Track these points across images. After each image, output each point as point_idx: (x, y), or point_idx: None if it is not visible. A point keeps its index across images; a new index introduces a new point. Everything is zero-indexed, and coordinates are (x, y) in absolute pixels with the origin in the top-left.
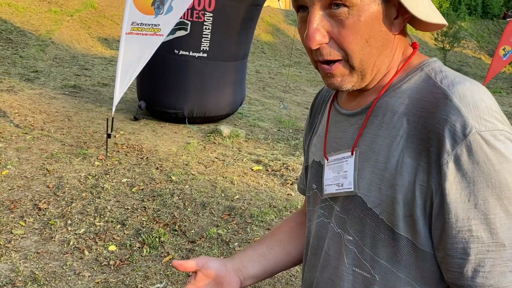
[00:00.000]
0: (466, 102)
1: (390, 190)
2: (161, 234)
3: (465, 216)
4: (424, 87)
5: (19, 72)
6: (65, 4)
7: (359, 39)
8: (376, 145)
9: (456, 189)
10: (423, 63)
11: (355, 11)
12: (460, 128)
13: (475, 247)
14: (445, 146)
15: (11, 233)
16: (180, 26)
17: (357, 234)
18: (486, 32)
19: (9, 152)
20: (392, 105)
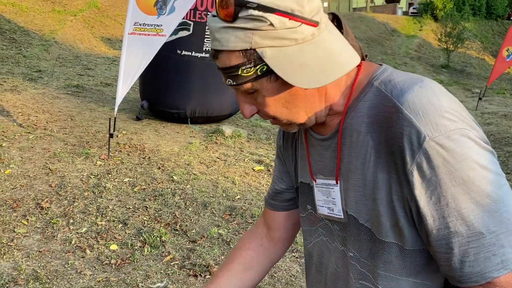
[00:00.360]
0: (416, 110)
1: (373, 204)
2: (162, 233)
3: (440, 215)
4: (378, 101)
5: (23, 71)
6: (69, 4)
7: (274, 108)
8: (352, 166)
9: (425, 194)
10: (373, 78)
11: (260, 93)
12: (415, 139)
13: (457, 241)
14: (407, 158)
15: (14, 231)
16: (183, 26)
17: (356, 249)
18: (490, 33)
19: (12, 151)
20: (355, 126)
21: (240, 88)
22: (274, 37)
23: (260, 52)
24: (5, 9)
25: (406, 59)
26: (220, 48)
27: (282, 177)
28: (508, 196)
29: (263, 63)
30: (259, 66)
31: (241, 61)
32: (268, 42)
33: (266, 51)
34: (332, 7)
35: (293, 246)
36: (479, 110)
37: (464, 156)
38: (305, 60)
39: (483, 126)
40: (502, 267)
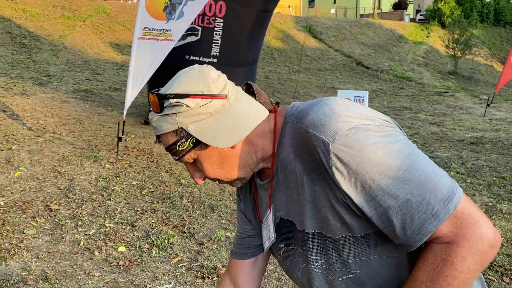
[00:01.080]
0: (316, 125)
1: (321, 214)
2: (170, 236)
3: (370, 198)
4: (294, 132)
5: (32, 76)
6: (78, 9)
7: (213, 171)
8: (292, 191)
9: (351, 186)
10: (286, 116)
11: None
12: (323, 147)
13: (392, 213)
14: (325, 165)
15: (23, 233)
16: (191, 31)
17: (323, 257)
18: (498, 40)
19: (22, 154)
20: (285, 158)
21: (183, 160)
22: (193, 115)
23: (186, 128)
24: (15, 14)
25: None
26: (159, 133)
27: (245, 226)
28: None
29: (192, 136)
30: (189, 140)
31: (175, 139)
32: (189, 119)
33: (190, 127)
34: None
35: None
36: (487, 116)
37: (364, 145)
38: (220, 127)
39: (491, 132)
40: (435, 220)
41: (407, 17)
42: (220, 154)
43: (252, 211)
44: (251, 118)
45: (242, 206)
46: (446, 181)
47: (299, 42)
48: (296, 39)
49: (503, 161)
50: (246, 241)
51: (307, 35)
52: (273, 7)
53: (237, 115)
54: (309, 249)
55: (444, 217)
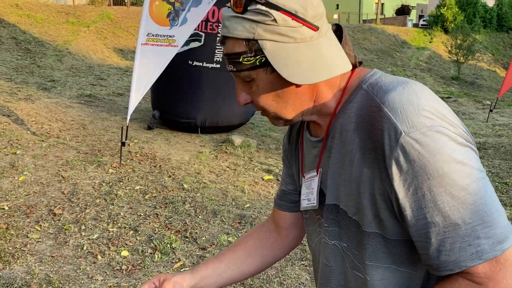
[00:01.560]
0: (395, 108)
1: (359, 198)
2: (173, 240)
3: (418, 206)
4: (365, 102)
5: (37, 81)
6: (82, 15)
7: (265, 100)
8: (341, 162)
9: (403, 186)
10: (362, 81)
11: (255, 82)
12: (393, 134)
13: (434, 231)
14: (386, 152)
15: (27, 237)
16: (194, 37)
17: (348, 241)
18: (501, 45)
19: (26, 158)
20: (344, 125)
21: (239, 75)
22: (275, 32)
23: (260, 44)
24: (20, 20)
25: (416, 70)
26: (227, 34)
27: (288, 180)
28: (485, 189)
29: (262, 55)
30: (258, 57)
31: (243, 50)
32: (269, 36)
33: (266, 44)
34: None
35: (302, 254)
36: (490, 122)
37: (438, 151)
38: (299, 58)
39: (494, 138)
40: (476, 257)
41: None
42: (282, 86)
43: (295, 163)
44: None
45: (287, 156)
46: (504, 222)
47: None
48: None
49: (506, 166)
50: (285, 195)
51: None
52: None
53: (321, 54)
54: (332, 225)
55: (487, 258)
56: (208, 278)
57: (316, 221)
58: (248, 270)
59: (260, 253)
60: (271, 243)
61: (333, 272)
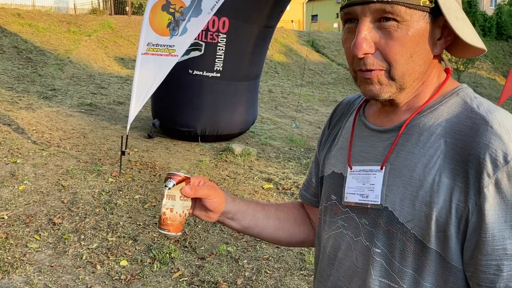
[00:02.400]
0: (506, 129)
1: (425, 207)
2: (172, 250)
3: (501, 235)
4: (461, 111)
5: (38, 90)
6: (84, 24)
7: (405, 52)
8: (411, 163)
9: (495, 210)
10: (458, 88)
11: (404, 26)
12: (502, 154)
13: (508, 264)
14: (486, 170)
15: (26, 246)
16: (195, 46)
17: (385, 246)
18: (501, 53)
19: (26, 167)
20: (429, 126)
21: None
22: None
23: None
24: (22, 29)
25: None
26: None
27: (316, 170)
28: None
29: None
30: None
31: None
32: None
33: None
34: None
35: (301, 264)
36: None
37: None
38: (465, 18)
39: None
40: None
41: None
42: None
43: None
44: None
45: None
46: None
47: (302, 56)
48: (299, 53)
49: None
50: (310, 186)
51: (310, 49)
52: (276, 22)
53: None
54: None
55: None
56: (243, 214)
57: (341, 213)
58: (280, 235)
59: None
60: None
61: (356, 274)
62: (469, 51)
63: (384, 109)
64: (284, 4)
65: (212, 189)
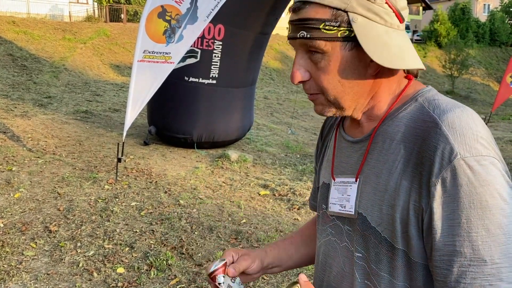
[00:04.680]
0: (454, 129)
1: (391, 210)
2: (169, 257)
3: (450, 232)
4: (418, 116)
5: (33, 97)
6: (79, 32)
7: (331, 79)
8: (377, 170)
9: (442, 208)
10: (418, 93)
11: (327, 56)
12: (447, 154)
13: (458, 261)
14: (434, 170)
15: (22, 254)
16: (191, 54)
17: (364, 250)
18: (494, 59)
19: (22, 175)
20: (390, 133)
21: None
22: (369, 9)
23: (351, 17)
24: (17, 37)
25: None
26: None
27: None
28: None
29: (348, 28)
30: (342, 29)
31: (327, 17)
32: (362, 11)
33: (357, 18)
34: None
35: (298, 270)
36: None
37: (488, 183)
38: (388, 41)
39: None
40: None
41: None
42: (354, 68)
43: (322, 160)
44: (417, 57)
45: (318, 151)
46: None
47: None
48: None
49: None
50: (316, 194)
51: None
52: (271, 29)
53: (407, 43)
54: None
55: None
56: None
57: (329, 221)
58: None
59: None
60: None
61: (344, 278)
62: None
63: (352, 119)
64: (279, 11)
65: (247, 257)
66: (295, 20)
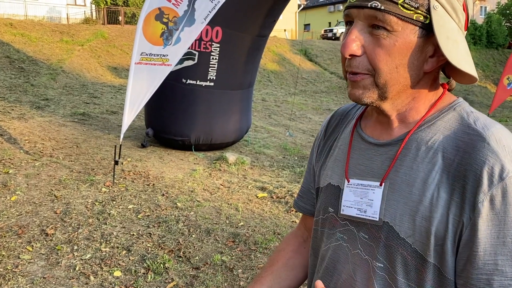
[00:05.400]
0: (503, 146)
1: (425, 222)
2: (166, 260)
3: (493, 251)
4: (458, 126)
5: (30, 100)
6: (76, 34)
7: (390, 61)
8: (410, 178)
9: (488, 226)
10: (455, 103)
11: (393, 36)
12: (498, 171)
13: (498, 280)
14: (482, 186)
15: (19, 258)
16: (188, 56)
17: (387, 261)
18: (491, 62)
19: (19, 178)
20: (427, 140)
21: (379, 17)
22: (450, 2)
23: (432, 3)
24: (14, 39)
25: None
26: None
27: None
28: None
29: (425, 14)
30: (419, 13)
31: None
32: (444, 1)
33: (438, 6)
34: None
35: None
36: None
37: None
38: (458, 40)
39: None
40: None
41: None
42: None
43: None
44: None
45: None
46: None
47: (295, 65)
48: (292, 62)
49: None
50: (307, 194)
51: (302, 58)
52: (269, 32)
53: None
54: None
55: None
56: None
57: (339, 226)
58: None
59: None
60: (306, 251)
61: (353, 287)
62: (461, 76)
63: (379, 119)
64: (277, 13)
65: None
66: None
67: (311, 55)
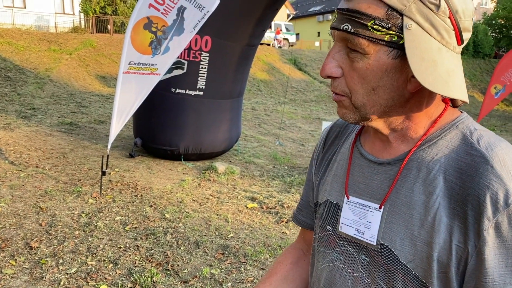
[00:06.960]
0: (507, 169)
1: (426, 247)
2: (154, 273)
3: (502, 280)
4: (461, 146)
5: (16, 109)
6: (64, 43)
7: (365, 84)
8: (410, 200)
9: (495, 254)
10: (457, 120)
11: (365, 58)
12: (503, 197)
13: None
14: (486, 212)
15: (1, 272)
16: (177, 65)
17: (386, 285)
18: (478, 71)
19: (3, 189)
20: (428, 161)
21: (350, 40)
22: (428, 19)
23: (405, 22)
24: (1, 48)
25: None
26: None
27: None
28: None
29: (398, 33)
30: (391, 33)
31: (379, 15)
32: (419, 18)
33: (411, 25)
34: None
35: None
36: None
37: None
38: (437, 60)
39: None
40: None
41: None
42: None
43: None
44: (463, 88)
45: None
46: None
47: (285, 74)
48: (281, 71)
49: None
50: (306, 207)
51: (292, 67)
52: (258, 41)
53: (458, 70)
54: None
55: None
56: None
57: (336, 246)
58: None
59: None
60: (305, 264)
61: None
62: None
63: (378, 136)
64: (266, 23)
65: None
66: (344, 9)
67: (301, 64)
